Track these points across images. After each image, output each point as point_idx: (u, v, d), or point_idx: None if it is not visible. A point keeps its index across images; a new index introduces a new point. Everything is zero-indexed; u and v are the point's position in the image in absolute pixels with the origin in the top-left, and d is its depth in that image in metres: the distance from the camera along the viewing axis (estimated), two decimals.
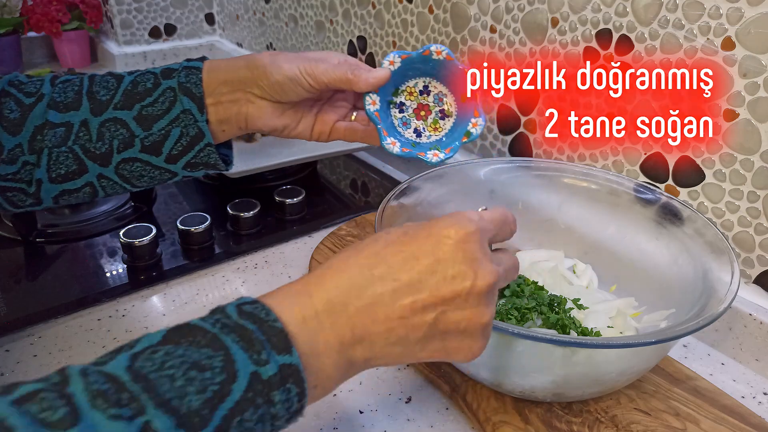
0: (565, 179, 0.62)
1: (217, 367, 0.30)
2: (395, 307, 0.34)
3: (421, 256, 0.35)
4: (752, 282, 0.57)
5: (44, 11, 1.32)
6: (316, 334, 0.33)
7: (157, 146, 0.51)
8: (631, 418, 0.48)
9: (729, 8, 0.53)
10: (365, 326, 0.34)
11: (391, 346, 0.35)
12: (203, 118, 0.51)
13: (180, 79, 0.51)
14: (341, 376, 0.35)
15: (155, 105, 0.51)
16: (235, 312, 0.32)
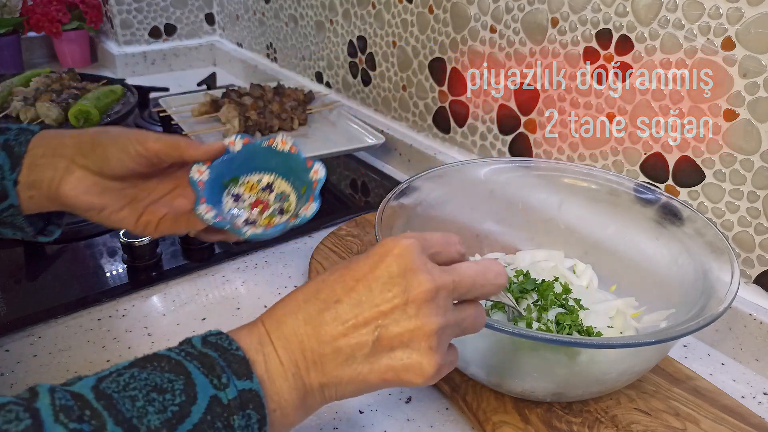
0: (565, 179, 0.62)
1: (178, 390, 0.31)
2: (338, 325, 0.35)
3: (360, 276, 0.36)
4: (752, 282, 0.57)
5: (44, 11, 1.32)
6: (271, 359, 0.35)
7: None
8: (631, 418, 0.48)
9: (729, 8, 0.53)
10: (314, 349, 0.35)
11: (340, 367, 0.36)
12: (12, 176, 0.47)
13: (9, 136, 0.49)
14: (299, 401, 0.36)
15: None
16: (199, 342, 0.34)
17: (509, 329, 0.42)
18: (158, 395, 0.31)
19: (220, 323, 0.60)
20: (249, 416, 0.32)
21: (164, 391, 0.31)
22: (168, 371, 0.32)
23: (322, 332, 0.35)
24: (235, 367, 0.33)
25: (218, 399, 0.32)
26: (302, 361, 0.35)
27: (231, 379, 0.33)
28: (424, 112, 0.90)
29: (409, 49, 0.89)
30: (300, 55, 1.17)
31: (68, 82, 1.07)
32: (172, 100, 1.04)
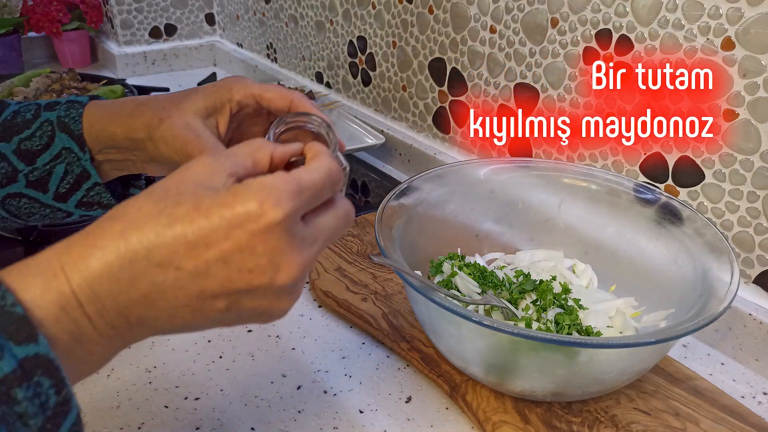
0: (565, 179, 0.62)
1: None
2: (178, 296, 0.29)
3: (212, 242, 0.29)
4: (752, 282, 0.57)
5: (44, 11, 1.32)
6: (77, 324, 0.28)
7: (43, 183, 0.47)
8: (631, 418, 0.48)
9: (729, 8, 0.53)
10: (142, 313, 0.30)
11: (178, 327, 0.31)
12: (86, 156, 0.47)
13: (59, 112, 0.47)
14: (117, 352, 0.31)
15: (33, 139, 0.47)
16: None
17: (509, 329, 0.42)
18: None
19: None
20: (39, 383, 0.26)
21: None
22: None
23: (154, 300, 0.29)
24: (12, 330, 0.26)
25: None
26: (125, 324, 0.30)
27: (6, 346, 0.26)
28: (424, 113, 0.90)
29: (409, 50, 0.89)
30: (300, 55, 1.17)
31: (68, 82, 1.07)
32: None
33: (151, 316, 0.30)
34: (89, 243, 0.29)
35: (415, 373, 0.55)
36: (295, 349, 0.58)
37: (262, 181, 0.30)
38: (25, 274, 0.28)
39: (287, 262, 0.30)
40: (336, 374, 0.55)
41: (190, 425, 0.49)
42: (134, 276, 0.29)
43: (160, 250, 0.29)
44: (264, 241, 0.29)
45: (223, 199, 0.30)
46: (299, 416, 0.50)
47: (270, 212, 0.29)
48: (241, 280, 0.30)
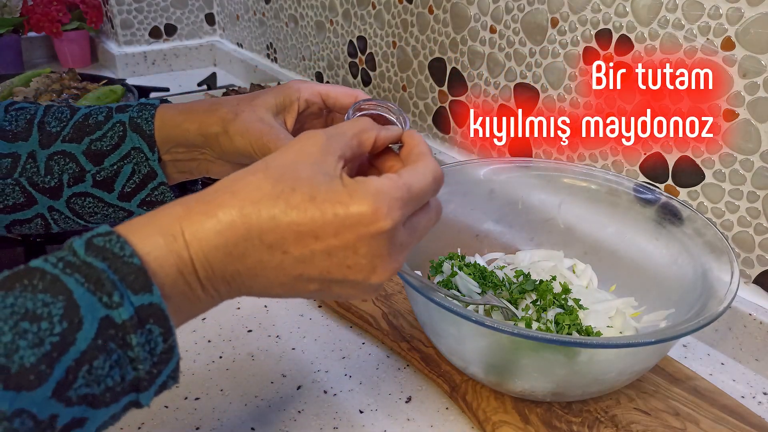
0: (565, 179, 0.62)
1: (56, 315, 0.26)
2: (279, 275, 0.32)
3: (321, 235, 0.31)
4: (752, 282, 0.57)
5: (44, 11, 1.32)
6: (190, 286, 0.31)
7: (109, 182, 0.49)
8: (631, 418, 0.48)
9: (729, 8, 0.53)
10: (243, 283, 0.32)
11: (267, 294, 0.34)
12: (155, 156, 0.49)
13: (132, 113, 0.49)
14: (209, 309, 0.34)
15: (104, 140, 0.49)
16: (82, 247, 0.28)
17: (509, 329, 0.42)
18: (31, 324, 0.25)
19: (221, 322, 0.61)
20: (150, 331, 0.28)
21: (39, 319, 0.26)
22: (42, 291, 0.26)
23: (257, 275, 0.32)
24: (131, 279, 0.28)
25: (110, 320, 0.27)
26: (226, 289, 0.32)
27: (126, 295, 0.28)
28: (424, 113, 0.90)
29: (409, 50, 0.89)
30: (300, 55, 1.18)
31: (68, 82, 1.07)
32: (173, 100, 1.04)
33: (250, 285, 0.32)
34: (209, 212, 0.31)
35: (415, 373, 0.55)
36: (295, 349, 0.58)
37: (378, 186, 0.32)
38: (149, 233, 0.30)
39: (384, 266, 0.33)
40: (336, 374, 0.55)
41: (190, 425, 0.49)
42: (245, 251, 0.31)
43: (272, 233, 0.31)
44: (368, 244, 0.31)
45: (339, 196, 0.31)
46: (299, 416, 0.50)
47: (381, 220, 0.31)
48: (339, 272, 0.32)
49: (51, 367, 0.25)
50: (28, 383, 0.25)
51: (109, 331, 0.27)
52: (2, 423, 0.24)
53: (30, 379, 0.25)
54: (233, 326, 0.60)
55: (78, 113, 0.50)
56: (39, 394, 0.25)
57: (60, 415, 0.26)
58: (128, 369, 0.28)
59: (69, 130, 0.49)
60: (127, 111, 0.50)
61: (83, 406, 0.27)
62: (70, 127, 0.49)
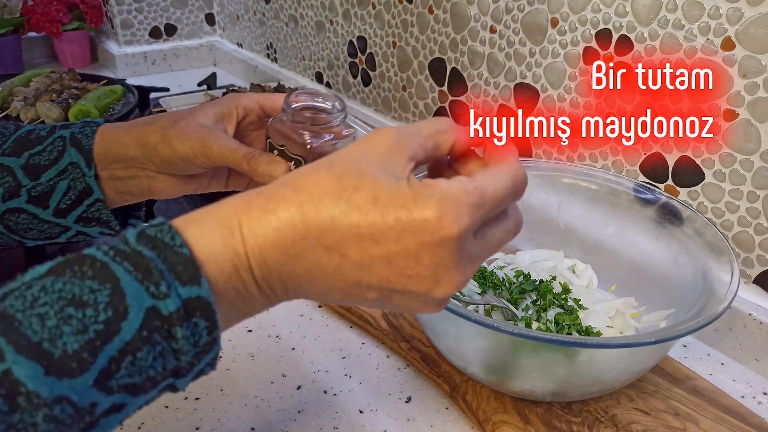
0: (565, 179, 0.62)
1: (102, 303, 0.26)
2: (336, 279, 0.30)
3: (381, 240, 0.29)
4: (752, 282, 0.57)
5: (44, 11, 1.32)
6: (245, 283, 0.30)
7: (44, 198, 0.48)
8: (631, 418, 0.48)
9: (729, 8, 0.53)
10: (299, 285, 0.31)
11: (328, 300, 0.32)
12: (91, 173, 0.48)
13: (74, 129, 0.48)
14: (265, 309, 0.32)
15: (43, 153, 0.48)
16: (134, 237, 0.28)
17: (509, 329, 0.42)
18: (76, 311, 0.25)
19: None
20: (195, 324, 0.28)
21: (84, 305, 0.25)
22: (91, 278, 0.26)
23: (314, 278, 0.30)
24: (180, 270, 0.27)
25: (157, 310, 0.27)
26: (281, 289, 0.31)
27: (173, 285, 0.27)
28: (424, 113, 0.90)
29: (409, 50, 0.89)
30: (300, 55, 1.18)
31: (68, 82, 1.07)
32: (172, 100, 1.04)
33: (306, 288, 0.31)
34: (269, 208, 0.29)
35: (415, 373, 0.55)
36: (295, 349, 0.58)
37: (445, 190, 0.29)
38: (206, 226, 0.29)
39: (448, 278, 0.30)
40: (336, 374, 0.55)
41: (190, 425, 0.49)
42: (302, 251, 0.29)
43: (331, 235, 0.29)
44: (432, 253, 0.29)
45: (403, 200, 0.29)
46: (299, 416, 0.50)
47: (447, 227, 0.28)
48: (399, 282, 0.30)
49: (94, 355, 0.25)
50: (70, 370, 0.25)
51: (155, 323, 0.27)
52: (42, 409, 0.24)
53: (72, 367, 0.25)
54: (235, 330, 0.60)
55: (21, 129, 0.49)
56: (80, 382, 0.25)
57: (100, 402, 0.26)
58: (170, 359, 0.28)
59: (10, 144, 0.48)
60: (70, 127, 0.49)
61: (123, 394, 0.26)
62: (12, 141, 0.48)
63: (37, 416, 0.24)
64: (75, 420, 0.25)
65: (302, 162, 0.45)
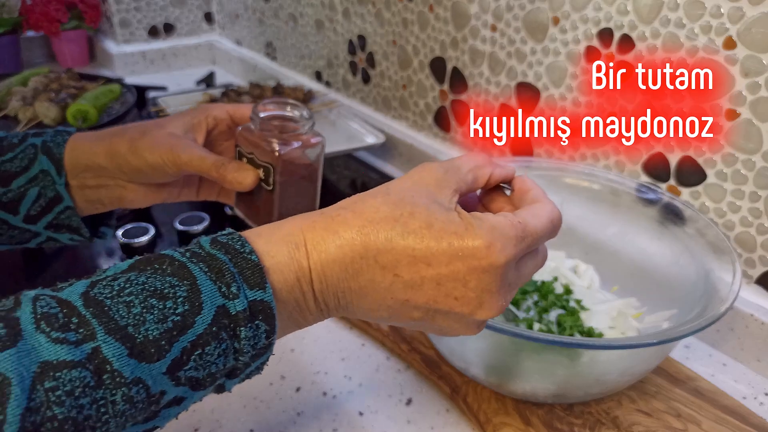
0: (567, 179, 0.62)
1: (180, 297, 0.28)
2: (386, 297, 0.33)
3: (433, 263, 0.32)
4: (754, 282, 0.57)
5: (43, 10, 1.31)
6: (305, 296, 0.32)
7: (14, 205, 0.48)
8: (633, 419, 0.48)
9: (730, 7, 0.52)
10: (351, 301, 0.33)
11: (372, 318, 0.35)
12: (61, 181, 0.48)
13: (46, 137, 0.49)
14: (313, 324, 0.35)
15: (14, 161, 0.48)
16: (208, 243, 0.31)
17: (510, 330, 0.41)
18: (158, 302, 0.28)
19: None
20: (257, 326, 0.30)
21: (165, 298, 0.28)
22: (170, 275, 0.29)
23: (366, 294, 0.33)
24: (248, 274, 0.30)
25: (226, 309, 0.29)
26: (334, 304, 0.33)
27: (242, 288, 0.29)
28: (424, 111, 0.90)
29: (410, 48, 0.89)
30: (299, 54, 1.17)
31: (67, 81, 1.07)
32: (171, 99, 1.04)
33: (357, 304, 0.33)
34: (332, 228, 0.32)
35: (415, 374, 0.55)
36: (295, 350, 0.58)
37: (494, 222, 0.32)
38: (274, 239, 0.32)
39: (491, 302, 0.33)
40: (335, 376, 0.55)
41: (189, 426, 0.49)
42: (360, 269, 0.32)
43: (387, 255, 0.32)
44: (479, 278, 0.32)
45: (455, 228, 0.32)
46: (298, 418, 0.50)
47: (494, 255, 0.31)
48: (446, 303, 0.32)
49: (170, 344, 0.27)
50: (149, 355, 0.27)
51: (223, 320, 0.29)
52: (122, 388, 0.26)
53: (151, 352, 0.27)
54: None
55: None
56: (156, 368, 0.27)
57: (167, 392, 0.28)
58: (230, 358, 0.30)
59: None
60: (42, 136, 0.49)
61: (186, 387, 0.29)
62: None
63: (117, 395, 0.26)
64: (145, 405, 0.27)
65: (271, 169, 0.46)
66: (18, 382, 0.24)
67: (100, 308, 0.27)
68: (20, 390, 0.24)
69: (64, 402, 0.25)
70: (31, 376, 0.24)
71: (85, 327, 0.26)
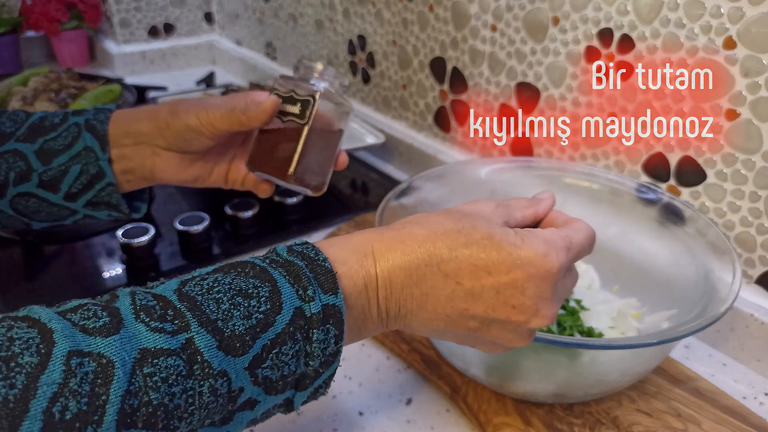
0: (567, 179, 0.62)
1: (263, 297, 0.30)
2: (446, 305, 0.34)
3: (494, 271, 0.34)
4: (754, 282, 0.57)
5: (43, 10, 1.31)
6: (369, 302, 0.34)
7: (55, 182, 0.49)
8: (633, 419, 0.48)
9: (730, 7, 0.52)
10: (411, 310, 0.35)
11: (427, 330, 0.36)
12: (105, 156, 0.49)
13: (88, 116, 0.50)
14: (369, 336, 0.36)
15: (57, 139, 0.49)
16: (285, 250, 0.33)
17: None
18: (243, 300, 0.30)
19: None
20: (328, 330, 0.31)
21: (250, 297, 0.30)
22: (253, 277, 0.31)
23: (427, 301, 0.34)
24: (322, 280, 0.32)
25: (302, 311, 0.31)
26: (395, 313, 0.35)
27: (317, 292, 0.31)
28: (424, 111, 0.90)
29: (410, 48, 0.89)
30: (299, 53, 1.17)
31: (67, 81, 1.07)
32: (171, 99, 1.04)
33: (416, 314, 0.35)
34: (398, 239, 0.35)
35: (415, 375, 0.55)
36: None
37: (546, 235, 0.35)
38: (344, 249, 0.34)
39: (545, 309, 0.34)
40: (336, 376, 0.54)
41: None
42: (423, 276, 0.34)
43: (451, 263, 0.34)
44: (536, 285, 0.34)
45: (515, 239, 0.34)
46: (298, 419, 0.50)
47: (551, 262, 0.34)
48: (503, 312, 0.34)
49: (253, 340, 0.29)
50: (234, 349, 0.29)
51: (299, 321, 0.31)
52: (209, 380, 0.28)
53: (236, 346, 0.29)
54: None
55: (34, 116, 0.50)
56: (239, 363, 0.29)
57: (245, 389, 0.29)
58: (301, 363, 0.31)
59: (24, 130, 0.49)
60: (83, 114, 0.51)
61: (260, 389, 0.30)
62: (25, 128, 0.49)
63: (204, 386, 0.27)
64: (224, 402, 0.28)
65: (310, 102, 0.50)
66: (120, 365, 0.25)
67: (193, 303, 0.29)
68: (122, 373, 0.25)
69: (159, 388, 0.26)
70: (132, 361, 0.26)
71: (180, 318, 0.28)
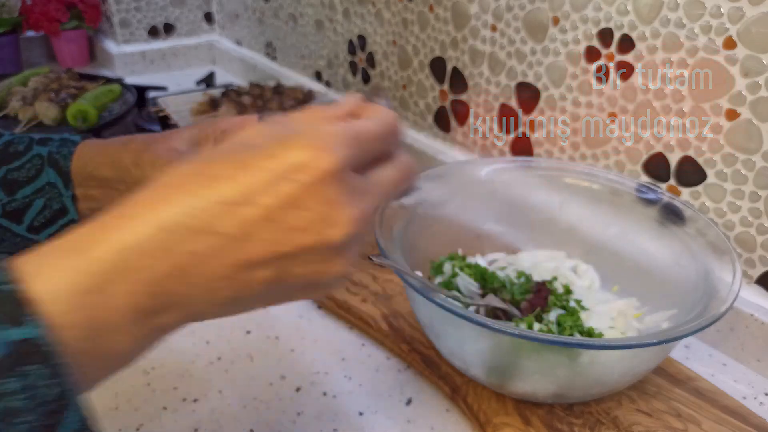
0: (567, 179, 0.62)
1: None
2: (216, 266, 0.26)
3: (254, 199, 0.25)
4: (754, 282, 0.57)
5: (43, 10, 1.31)
6: (96, 308, 0.24)
7: (19, 214, 0.48)
8: (633, 419, 0.48)
9: (730, 7, 0.52)
10: (173, 291, 0.26)
11: (217, 306, 0.27)
12: (68, 193, 0.48)
13: (51, 148, 0.49)
14: (147, 345, 0.27)
15: (21, 170, 0.48)
16: None
17: (510, 330, 0.41)
18: None
19: (219, 323, 0.60)
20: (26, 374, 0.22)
21: None
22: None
23: (189, 273, 0.25)
24: (7, 310, 0.22)
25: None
26: (151, 305, 0.25)
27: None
28: (424, 111, 0.90)
29: (410, 48, 0.89)
30: (299, 53, 1.17)
31: (67, 81, 1.07)
32: (171, 99, 1.04)
33: (185, 293, 0.26)
34: (125, 214, 0.26)
35: (415, 375, 0.55)
36: (294, 350, 0.58)
37: (316, 128, 0.27)
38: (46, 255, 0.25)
39: (339, 215, 0.27)
40: (335, 376, 0.54)
41: (188, 427, 0.49)
42: (165, 244, 0.25)
43: (196, 214, 0.25)
44: (314, 193, 0.26)
45: (270, 150, 0.26)
46: (298, 418, 0.50)
47: (324, 159, 0.26)
48: (289, 241, 0.26)
49: None
50: None
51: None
52: None
53: None
54: (232, 327, 0.60)
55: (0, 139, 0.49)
56: None
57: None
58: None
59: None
60: (47, 145, 0.49)
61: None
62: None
63: None
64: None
65: None
66: None
67: None
68: None
69: None
70: None
71: None
